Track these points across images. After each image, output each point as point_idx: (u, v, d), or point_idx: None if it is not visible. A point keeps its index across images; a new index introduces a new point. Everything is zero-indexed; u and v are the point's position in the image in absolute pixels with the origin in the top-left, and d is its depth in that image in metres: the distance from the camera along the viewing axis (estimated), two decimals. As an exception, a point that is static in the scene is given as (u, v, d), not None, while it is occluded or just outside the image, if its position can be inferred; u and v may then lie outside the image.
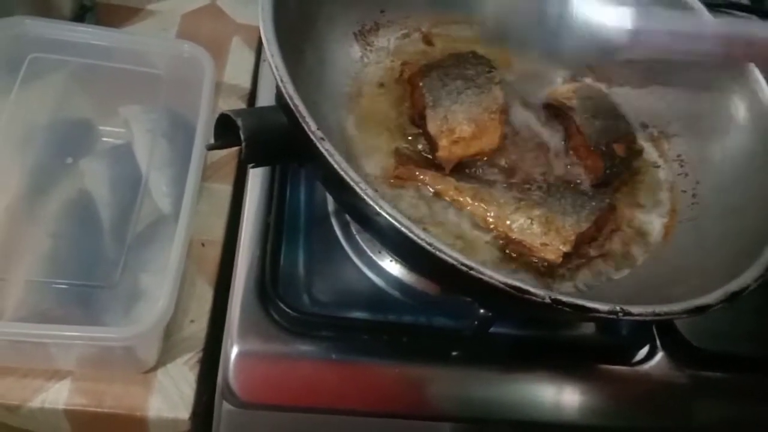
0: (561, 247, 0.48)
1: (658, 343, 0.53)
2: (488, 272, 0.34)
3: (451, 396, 0.48)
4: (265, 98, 0.61)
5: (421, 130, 0.55)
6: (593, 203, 0.51)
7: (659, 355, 0.52)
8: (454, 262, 0.34)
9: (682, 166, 0.59)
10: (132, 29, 0.75)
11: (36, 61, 0.59)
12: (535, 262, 0.48)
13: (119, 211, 0.58)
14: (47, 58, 0.60)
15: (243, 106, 0.70)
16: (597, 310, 0.35)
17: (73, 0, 0.70)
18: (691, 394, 0.52)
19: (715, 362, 0.53)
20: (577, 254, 0.50)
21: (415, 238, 0.34)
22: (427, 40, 0.61)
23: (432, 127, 0.54)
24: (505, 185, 0.51)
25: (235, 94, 0.72)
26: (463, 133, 0.53)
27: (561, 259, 0.48)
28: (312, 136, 0.36)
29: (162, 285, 0.49)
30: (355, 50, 0.57)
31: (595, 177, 0.56)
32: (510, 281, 0.34)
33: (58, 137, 0.61)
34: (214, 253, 0.60)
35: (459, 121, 0.53)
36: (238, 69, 0.74)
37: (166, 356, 0.54)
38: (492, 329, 0.47)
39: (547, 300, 0.34)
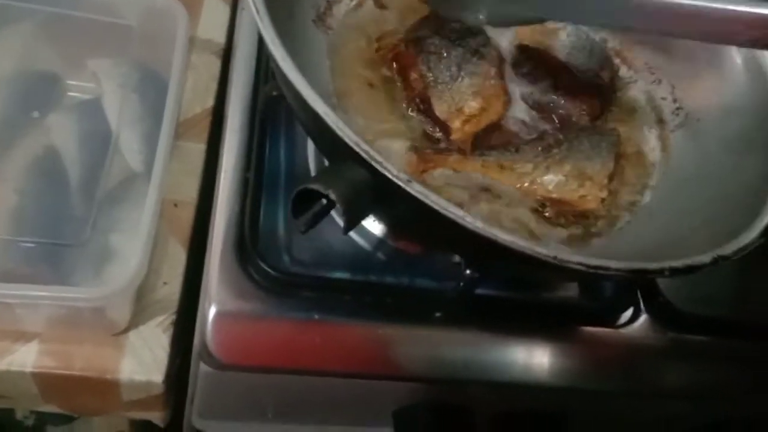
0: (598, 193, 0.48)
1: (642, 305, 0.53)
2: (515, 240, 0.33)
3: (433, 357, 0.47)
4: (243, 54, 0.58)
5: (423, 114, 0.53)
6: (606, 139, 0.51)
7: (643, 318, 0.52)
8: (463, 222, 0.33)
9: (652, 73, 0.59)
10: (100, -22, 0.71)
11: (-1, 9, 0.57)
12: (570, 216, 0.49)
13: (88, 169, 0.56)
14: (10, 5, 0.57)
15: (218, 62, 0.68)
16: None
17: (38, -54, 0.66)
18: (674, 357, 0.52)
19: (698, 325, 0.53)
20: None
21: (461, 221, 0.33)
22: (380, 4, 0.59)
23: (440, 111, 0.52)
24: (522, 147, 0.50)
25: (209, 49, 0.69)
26: (472, 110, 0.52)
27: (600, 206, 0.48)
28: (398, 182, 0.34)
29: (133, 245, 0.47)
30: (320, 40, 0.54)
31: (593, 111, 0.56)
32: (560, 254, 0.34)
33: (23, 90, 0.58)
34: (187, 214, 0.59)
35: (465, 99, 0.52)
36: (212, 23, 0.71)
37: (138, 318, 0.52)
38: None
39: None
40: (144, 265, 0.47)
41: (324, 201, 0.36)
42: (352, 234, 0.51)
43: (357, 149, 0.34)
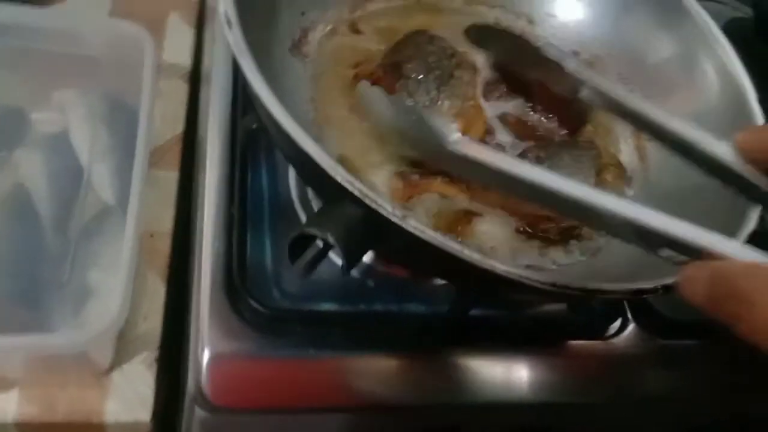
0: None
1: (629, 315, 0.53)
2: (503, 267, 0.33)
3: (429, 383, 0.47)
4: (218, 86, 0.57)
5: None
6: (586, 153, 0.52)
7: (631, 327, 0.53)
8: (463, 257, 0.33)
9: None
10: (61, 7, 0.69)
11: (-44, 46, 0.55)
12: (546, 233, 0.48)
13: (60, 205, 0.54)
14: (-33, 41, 0.55)
15: (185, 86, 0.67)
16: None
17: (-8, -23, 0.64)
18: (664, 363, 0.53)
19: (685, 331, 0.54)
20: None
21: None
22: (354, 29, 0.59)
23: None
24: None
25: (176, 73, 0.68)
26: (455, 133, 0.52)
27: None
28: (393, 219, 0.34)
29: (113, 282, 0.46)
30: (298, 68, 0.54)
31: (570, 126, 0.56)
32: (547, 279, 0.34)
33: (-14, 128, 0.57)
34: (164, 245, 0.57)
35: (447, 123, 0.52)
36: (177, 47, 0.70)
37: (120, 356, 0.51)
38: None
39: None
40: (126, 305, 0.45)
41: (321, 244, 0.36)
42: (338, 260, 0.51)
43: (351, 188, 0.34)
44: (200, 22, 0.73)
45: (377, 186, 0.46)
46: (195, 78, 0.69)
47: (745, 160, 0.38)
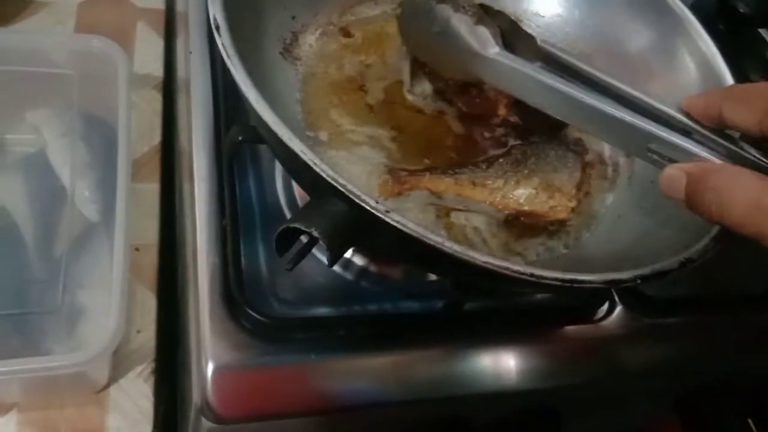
0: (567, 203, 0.49)
1: (616, 297, 0.55)
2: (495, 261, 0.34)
3: (430, 377, 0.48)
4: (199, 99, 0.57)
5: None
6: (571, 149, 0.53)
7: (618, 309, 0.54)
8: (449, 251, 0.34)
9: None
10: (24, 26, 0.68)
11: None
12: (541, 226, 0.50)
13: (43, 226, 0.54)
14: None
15: (158, 96, 0.67)
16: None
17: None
18: (653, 340, 0.55)
19: (670, 308, 0.55)
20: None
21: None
22: (345, 32, 0.60)
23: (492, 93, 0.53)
24: (493, 163, 0.51)
25: (149, 84, 0.68)
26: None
27: (570, 215, 0.50)
28: (377, 213, 0.34)
29: (103, 299, 0.46)
30: (289, 71, 0.54)
31: (556, 123, 0.56)
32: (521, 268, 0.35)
33: (-40, 154, 0.56)
34: (151, 258, 0.58)
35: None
36: (147, 57, 0.69)
37: (117, 371, 0.51)
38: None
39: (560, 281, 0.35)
40: (122, 322, 0.45)
41: (306, 238, 0.36)
42: (335, 266, 0.52)
43: (335, 184, 0.35)
44: (168, 31, 0.72)
45: (367, 182, 0.47)
46: (168, 87, 0.68)
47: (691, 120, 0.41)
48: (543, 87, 0.44)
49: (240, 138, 0.46)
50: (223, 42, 0.39)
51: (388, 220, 0.34)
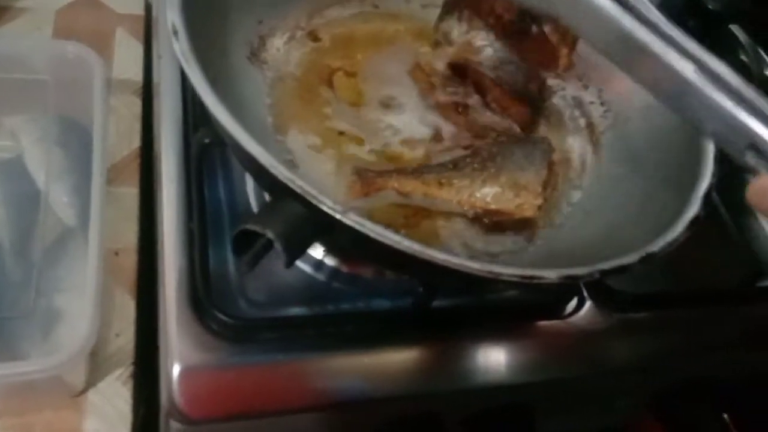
0: (534, 201, 0.49)
1: (584, 293, 0.55)
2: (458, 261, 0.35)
3: (400, 375, 0.48)
4: (168, 102, 0.57)
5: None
6: (538, 147, 0.53)
7: (587, 305, 0.54)
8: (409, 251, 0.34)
9: (579, 79, 0.61)
10: (1, 32, 0.69)
11: None
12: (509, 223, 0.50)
13: (19, 231, 0.54)
14: None
15: (138, 101, 0.67)
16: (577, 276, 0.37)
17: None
18: (622, 336, 0.55)
19: (639, 303, 0.55)
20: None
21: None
22: (313, 36, 0.60)
23: (553, 36, 0.52)
24: (459, 163, 0.51)
25: (128, 89, 0.68)
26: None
27: (537, 213, 0.49)
28: (334, 214, 0.35)
29: (80, 303, 0.46)
30: (257, 75, 0.55)
31: (524, 122, 0.57)
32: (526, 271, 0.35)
33: (-62, 160, 0.56)
34: (130, 262, 0.58)
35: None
36: (126, 62, 0.70)
37: (95, 375, 0.51)
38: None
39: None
40: (95, 325, 0.45)
41: (264, 239, 0.37)
42: (305, 267, 0.52)
43: (291, 186, 0.35)
44: (148, 36, 0.73)
45: (335, 184, 0.48)
46: (148, 92, 0.69)
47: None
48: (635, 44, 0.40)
49: (207, 140, 0.47)
50: (181, 47, 0.39)
51: (345, 220, 0.35)
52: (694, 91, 0.38)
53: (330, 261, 0.52)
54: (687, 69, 0.38)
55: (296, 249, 0.36)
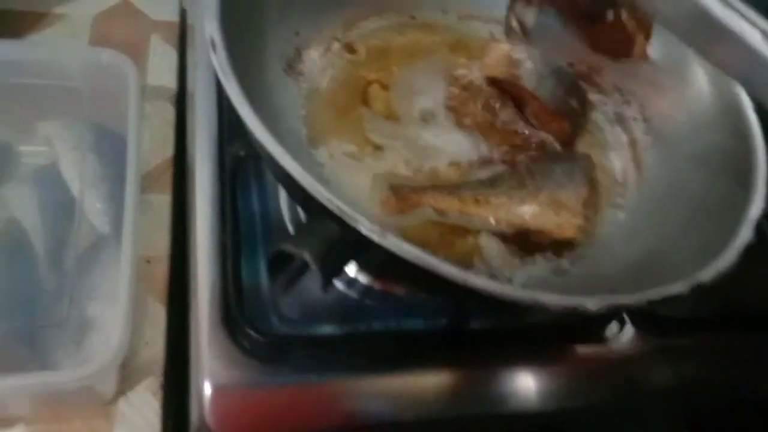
0: (574, 221, 0.48)
1: (625, 317, 0.54)
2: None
3: (434, 397, 0.47)
4: (203, 113, 0.57)
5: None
6: (578, 165, 0.52)
7: (628, 328, 0.53)
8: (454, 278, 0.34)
9: (622, 95, 0.60)
10: (39, 38, 0.69)
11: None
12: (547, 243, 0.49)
13: (54, 238, 0.54)
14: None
15: (171, 108, 0.67)
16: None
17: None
18: (663, 362, 0.53)
19: (680, 328, 0.54)
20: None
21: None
22: (349, 48, 0.60)
23: (630, 22, 0.51)
24: (496, 180, 0.51)
25: (162, 96, 0.68)
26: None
27: (578, 233, 0.48)
28: (372, 236, 0.34)
29: (113, 312, 0.46)
30: (293, 88, 0.54)
31: (564, 138, 0.56)
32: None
33: (-27, 166, 0.56)
34: (162, 270, 0.57)
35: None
36: (160, 69, 0.70)
37: (125, 384, 0.51)
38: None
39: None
40: (127, 336, 0.45)
41: (299, 261, 0.36)
42: (338, 283, 0.51)
43: (329, 206, 0.35)
44: (182, 43, 0.73)
45: (369, 199, 0.47)
46: (182, 99, 0.69)
47: None
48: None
49: (242, 153, 0.46)
50: (219, 59, 0.39)
51: (383, 243, 0.34)
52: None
53: (363, 278, 0.52)
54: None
55: (333, 270, 0.35)
